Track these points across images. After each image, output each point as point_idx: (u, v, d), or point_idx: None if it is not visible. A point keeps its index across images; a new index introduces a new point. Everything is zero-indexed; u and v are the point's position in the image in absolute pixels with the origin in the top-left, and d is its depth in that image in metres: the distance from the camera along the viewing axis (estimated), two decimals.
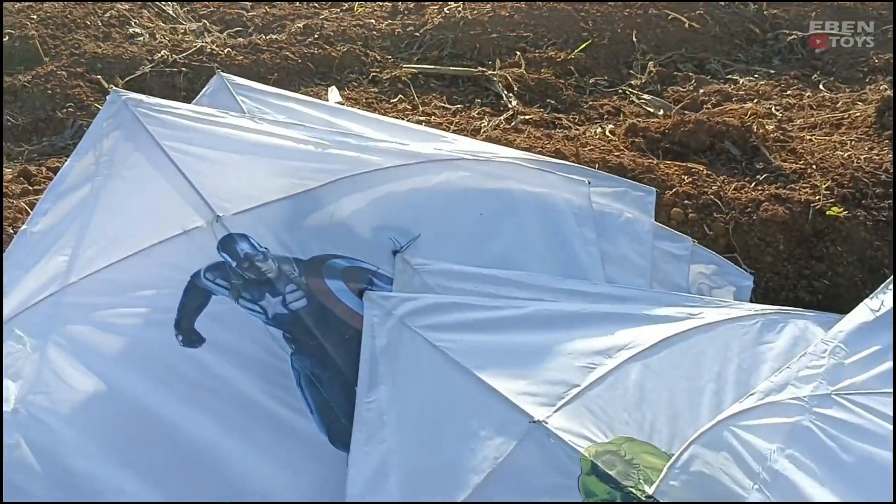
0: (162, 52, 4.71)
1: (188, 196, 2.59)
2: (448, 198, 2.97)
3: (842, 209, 3.83)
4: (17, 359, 2.46)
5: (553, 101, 4.95)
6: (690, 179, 3.95)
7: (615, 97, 5.10)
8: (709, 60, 5.55)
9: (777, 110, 4.87)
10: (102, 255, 2.57)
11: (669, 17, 5.67)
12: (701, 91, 5.16)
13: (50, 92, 4.34)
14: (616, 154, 4.13)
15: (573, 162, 3.94)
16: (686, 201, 3.81)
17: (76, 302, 2.53)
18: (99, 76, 4.51)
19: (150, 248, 2.55)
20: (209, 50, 4.82)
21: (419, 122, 4.31)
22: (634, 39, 5.51)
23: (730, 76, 5.40)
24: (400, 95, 4.88)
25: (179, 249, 2.56)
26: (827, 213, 3.83)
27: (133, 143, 2.72)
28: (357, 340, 2.52)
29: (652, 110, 4.95)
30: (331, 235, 2.72)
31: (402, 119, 4.35)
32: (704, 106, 4.99)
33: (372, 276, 2.69)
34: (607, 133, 4.51)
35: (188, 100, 4.60)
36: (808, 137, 4.49)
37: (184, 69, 4.66)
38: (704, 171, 4.06)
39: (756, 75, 5.41)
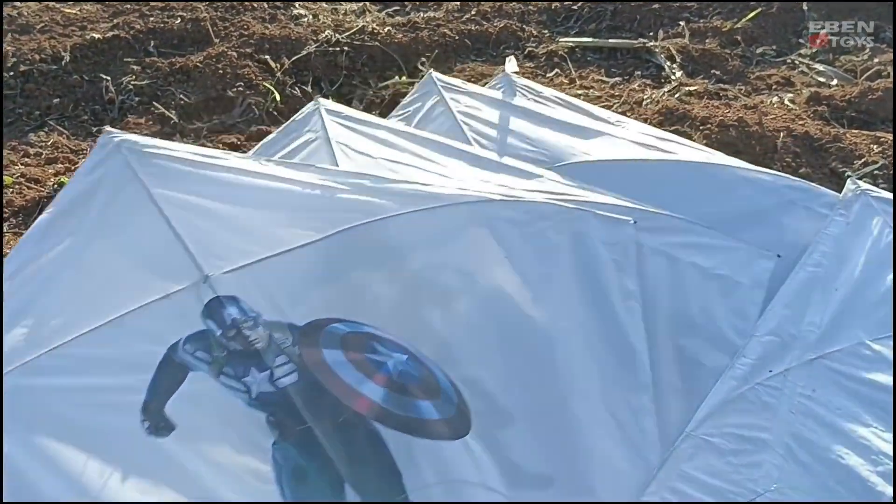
0: (326, 33, 4.81)
1: (175, 253, 2.26)
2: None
3: None
4: None
5: (718, 72, 4.76)
6: (880, 149, 3.71)
7: (784, 67, 4.86)
8: (883, 28, 5.21)
9: None
10: (69, 325, 2.23)
11: None
12: (876, 60, 4.85)
13: (221, 72, 4.49)
14: (800, 123, 3.94)
15: (757, 131, 3.80)
16: (876, 172, 3.60)
17: (30, 384, 2.16)
18: (266, 56, 4.64)
19: (123, 316, 2.19)
20: (370, 29, 4.88)
21: (577, 96, 4.22)
22: (805, 8, 5.24)
23: None
24: (556, 69, 4.80)
25: (158, 317, 2.20)
26: None
27: (122, 191, 2.42)
28: (353, 426, 2.13)
29: (823, 80, 4.69)
30: (333, 294, 2.36)
31: (562, 91, 4.28)
32: (880, 76, 4.70)
33: (375, 341, 2.28)
34: (786, 102, 4.30)
35: (349, 78, 4.73)
36: None
37: (346, 48, 4.74)
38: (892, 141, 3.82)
39: None
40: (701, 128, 3.92)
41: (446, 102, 3.20)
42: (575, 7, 5.34)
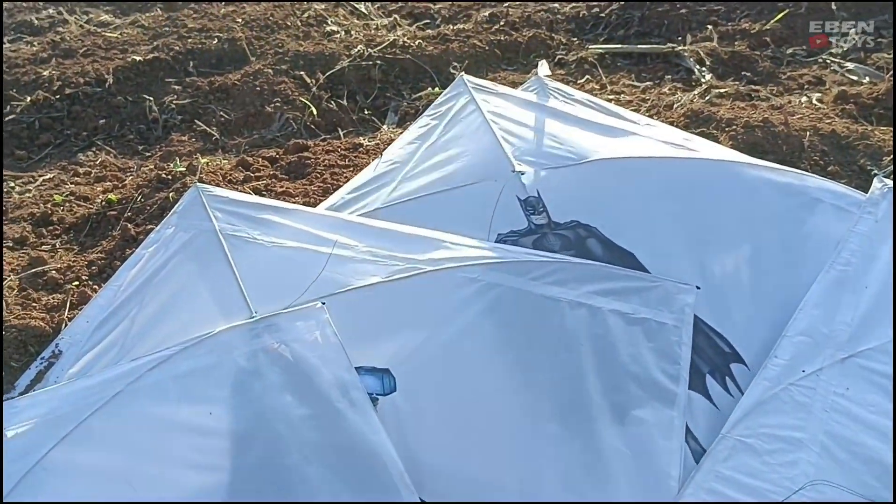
0: (358, 48, 4.91)
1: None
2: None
3: None
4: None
5: (749, 74, 4.78)
6: None
7: (815, 66, 4.86)
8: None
9: None
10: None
11: None
12: None
13: (258, 89, 4.62)
14: (827, 121, 3.95)
15: (783, 131, 3.82)
16: None
17: None
18: (302, 72, 4.76)
19: None
20: (401, 42, 4.98)
21: (608, 101, 4.28)
22: (833, 7, 5.24)
23: None
24: (587, 76, 4.86)
25: None
26: None
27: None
28: None
29: (856, 78, 4.69)
30: None
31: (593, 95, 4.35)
32: None
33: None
34: (814, 101, 4.32)
35: (383, 91, 4.83)
36: None
37: (378, 62, 4.84)
38: None
39: None
40: (727, 129, 3.95)
41: (476, 102, 3.26)
42: (603, 14, 5.39)
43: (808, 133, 3.75)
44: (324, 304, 2.35)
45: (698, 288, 2.64)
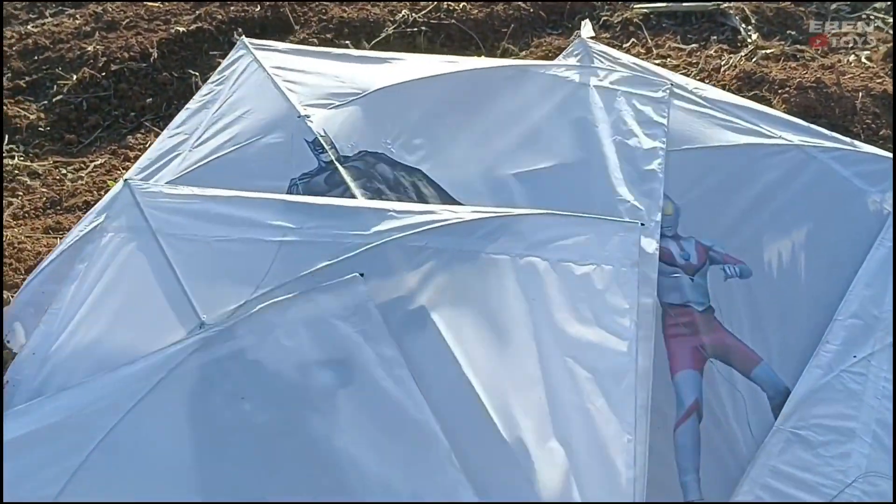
0: (402, 13, 4.90)
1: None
2: None
3: None
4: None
5: (794, 32, 4.78)
6: None
7: (859, 23, 4.85)
8: None
9: None
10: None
11: None
12: None
13: None
14: (878, 81, 3.98)
15: (836, 92, 3.84)
16: None
17: None
18: (347, 41, 4.77)
19: None
20: (445, 6, 4.96)
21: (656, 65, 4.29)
22: None
23: None
24: (633, 39, 4.85)
25: None
26: None
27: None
28: None
29: None
30: None
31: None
32: None
33: None
34: (863, 60, 4.33)
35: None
36: None
37: (423, 27, 4.84)
38: None
39: None
40: (780, 91, 3.98)
41: (258, 61, 3.26)
42: None
43: (860, 94, 3.78)
44: (362, 275, 2.32)
45: (642, 225, 2.61)
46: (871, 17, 4.88)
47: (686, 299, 2.72)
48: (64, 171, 4.15)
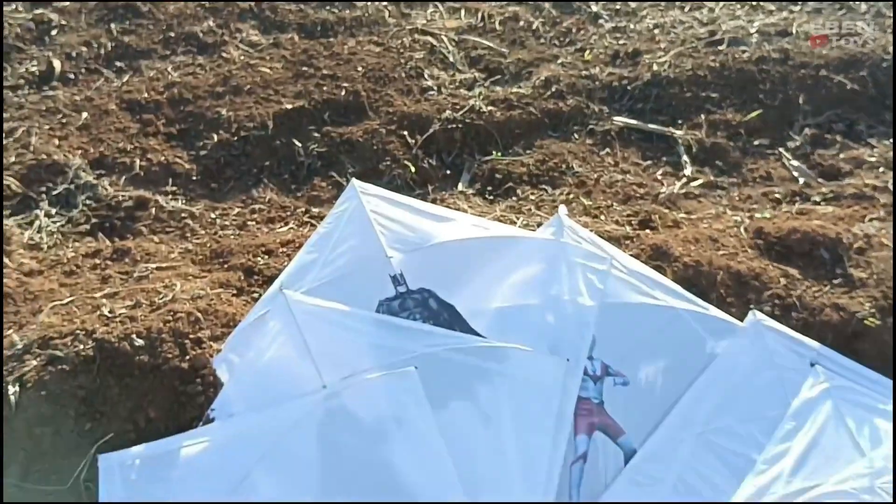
0: (447, 112, 6.43)
1: None
2: None
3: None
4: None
5: (720, 164, 5.93)
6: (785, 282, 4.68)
7: (772, 159, 6.24)
8: (858, 122, 6.54)
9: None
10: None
11: (835, 79, 6.79)
12: (841, 157, 6.20)
13: (375, 147, 6.00)
14: (738, 260, 4.91)
15: (707, 270, 5.37)
16: (776, 301, 4.55)
17: None
18: (405, 132, 6.14)
19: None
20: (477, 108, 6.49)
21: (616, 181, 5.88)
22: (801, 101, 6.69)
23: (870, 140, 6.15)
24: (607, 148, 6.44)
25: None
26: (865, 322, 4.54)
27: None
28: None
29: (797, 175, 6.11)
30: None
31: (607, 173, 6.01)
32: (840, 173, 6.19)
33: None
34: (742, 231, 5.42)
35: (461, 151, 6.42)
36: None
37: (460, 125, 6.41)
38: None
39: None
40: (673, 265, 4.79)
41: (362, 205, 4.24)
42: (629, 87, 6.93)
43: (721, 273, 4.84)
44: (416, 368, 3.61)
45: (567, 360, 3.86)
46: (782, 156, 6.34)
47: (590, 395, 4.01)
48: (213, 216, 5.54)
